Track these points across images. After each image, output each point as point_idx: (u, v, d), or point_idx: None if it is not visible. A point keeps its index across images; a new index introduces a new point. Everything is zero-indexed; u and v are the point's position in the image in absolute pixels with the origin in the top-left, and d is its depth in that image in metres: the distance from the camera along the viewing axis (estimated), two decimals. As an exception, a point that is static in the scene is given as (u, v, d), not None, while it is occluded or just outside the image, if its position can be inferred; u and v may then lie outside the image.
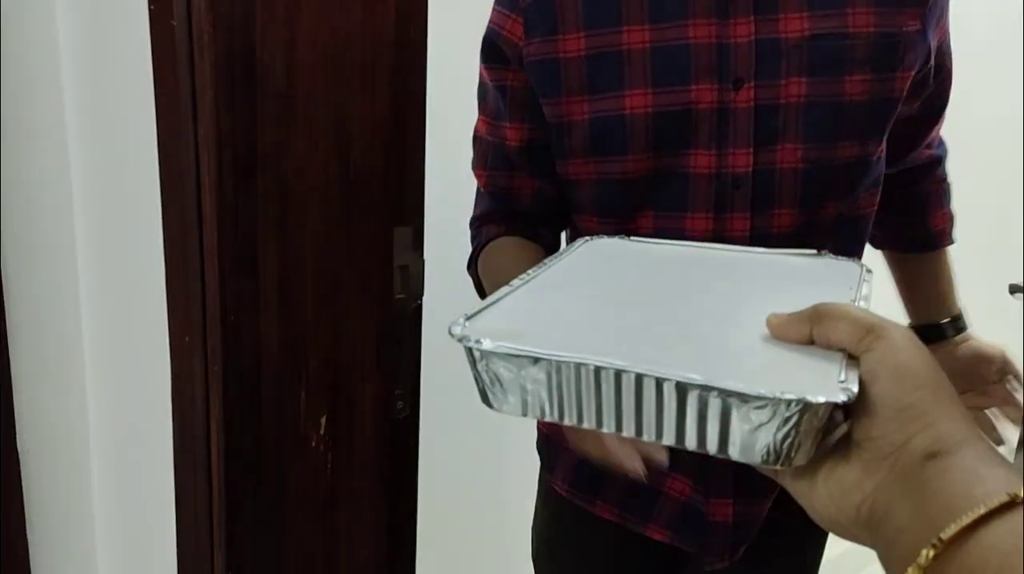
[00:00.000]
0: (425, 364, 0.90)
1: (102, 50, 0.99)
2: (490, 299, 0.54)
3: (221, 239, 0.71)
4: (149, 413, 0.99)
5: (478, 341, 0.46)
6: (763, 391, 0.40)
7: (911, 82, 0.87)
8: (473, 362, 0.47)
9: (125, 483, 1.11)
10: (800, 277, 0.58)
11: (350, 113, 0.77)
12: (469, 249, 1.01)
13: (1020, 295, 1.78)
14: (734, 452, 0.42)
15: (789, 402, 0.39)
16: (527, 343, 0.45)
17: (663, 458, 0.62)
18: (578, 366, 0.44)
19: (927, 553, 0.37)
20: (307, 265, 0.77)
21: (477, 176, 1.00)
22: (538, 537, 1.07)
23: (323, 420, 0.81)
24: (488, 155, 0.98)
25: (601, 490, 0.97)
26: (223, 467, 0.77)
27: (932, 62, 0.89)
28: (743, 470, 0.88)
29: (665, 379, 0.42)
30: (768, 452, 0.41)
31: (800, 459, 0.42)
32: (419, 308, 0.86)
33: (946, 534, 0.36)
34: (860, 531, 0.43)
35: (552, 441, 1.02)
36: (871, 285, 0.56)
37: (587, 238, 0.74)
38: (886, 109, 0.87)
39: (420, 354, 0.88)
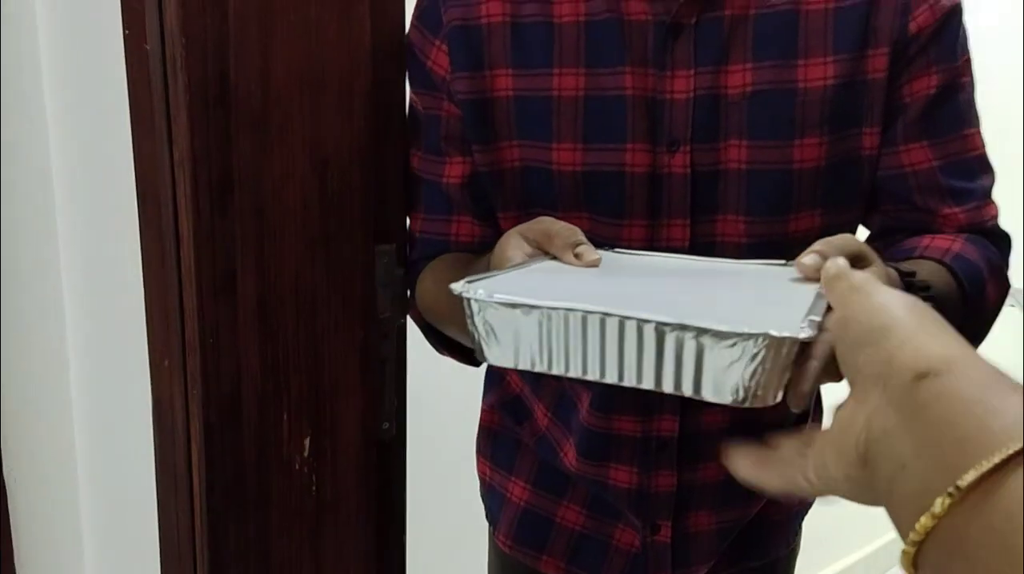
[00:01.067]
0: (411, 383, 0.89)
1: (80, 75, 0.99)
2: (484, 275, 0.57)
3: (199, 261, 0.71)
4: (132, 441, 0.99)
5: (478, 291, 0.51)
6: (732, 328, 0.44)
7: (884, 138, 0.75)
8: (471, 314, 0.52)
9: (111, 514, 1.10)
10: (771, 277, 0.61)
11: (327, 132, 0.76)
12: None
13: (1018, 305, 1.77)
14: (707, 391, 0.46)
15: (756, 337, 0.44)
16: (521, 297, 0.50)
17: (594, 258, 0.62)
18: (567, 314, 0.48)
19: (943, 501, 0.32)
20: (287, 285, 0.77)
21: (411, 217, 0.86)
22: None
23: (307, 442, 0.80)
24: (424, 195, 0.84)
25: (547, 545, 0.90)
26: (205, 493, 0.76)
27: (908, 114, 0.75)
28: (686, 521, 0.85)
29: (645, 321, 0.46)
30: (737, 390, 0.46)
31: (768, 397, 0.46)
32: (404, 327, 0.86)
33: (965, 481, 0.32)
34: (860, 473, 0.39)
35: (495, 491, 0.95)
36: None
37: None
38: (853, 173, 0.76)
39: (406, 373, 0.88)
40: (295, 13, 0.73)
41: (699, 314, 0.47)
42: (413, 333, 0.87)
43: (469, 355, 0.86)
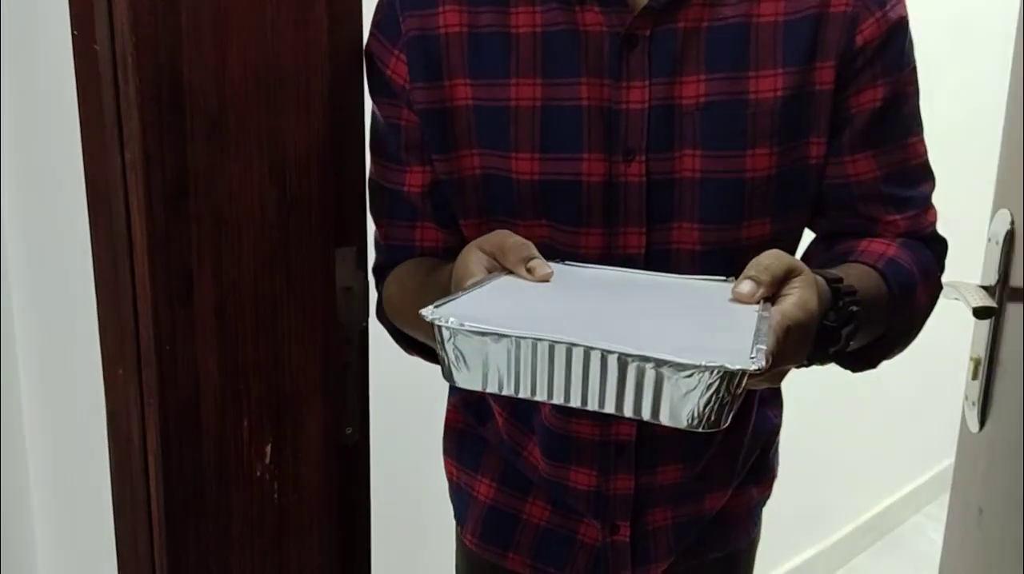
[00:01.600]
0: (374, 388, 0.88)
1: (28, 78, 0.96)
2: (448, 296, 0.58)
3: (153, 266, 0.69)
4: (86, 454, 0.96)
5: (449, 320, 0.53)
6: (690, 360, 0.49)
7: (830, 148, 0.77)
8: (442, 341, 0.54)
9: (65, 528, 1.07)
10: (715, 295, 0.64)
11: (285, 134, 0.75)
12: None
13: (961, 299, 1.80)
14: (664, 417, 0.51)
15: (711, 369, 0.49)
16: (491, 324, 0.53)
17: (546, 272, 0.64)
18: (535, 342, 0.52)
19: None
20: (245, 290, 0.75)
21: (376, 225, 0.87)
22: None
23: (268, 449, 0.79)
24: (386, 202, 0.85)
25: (512, 542, 0.91)
26: (163, 505, 0.74)
27: (854, 126, 0.76)
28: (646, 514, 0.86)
29: (609, 352, 0.50)
30: (692, 416, 0.50)
31: (720, 422, 0.50)
32: (366, 330, 0.85)
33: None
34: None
35: (462, 490, 0.95)
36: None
37: None
38: (801, 182, 0.77)
39: (368, 377, 0.87)
40: (250, 13, 0.71)
41: (658, 343, 0.51)
42: (375, 336, 0.86)
43: (436, 356, 0.86)
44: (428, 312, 0.54)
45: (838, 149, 0.78)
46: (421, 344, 0.84)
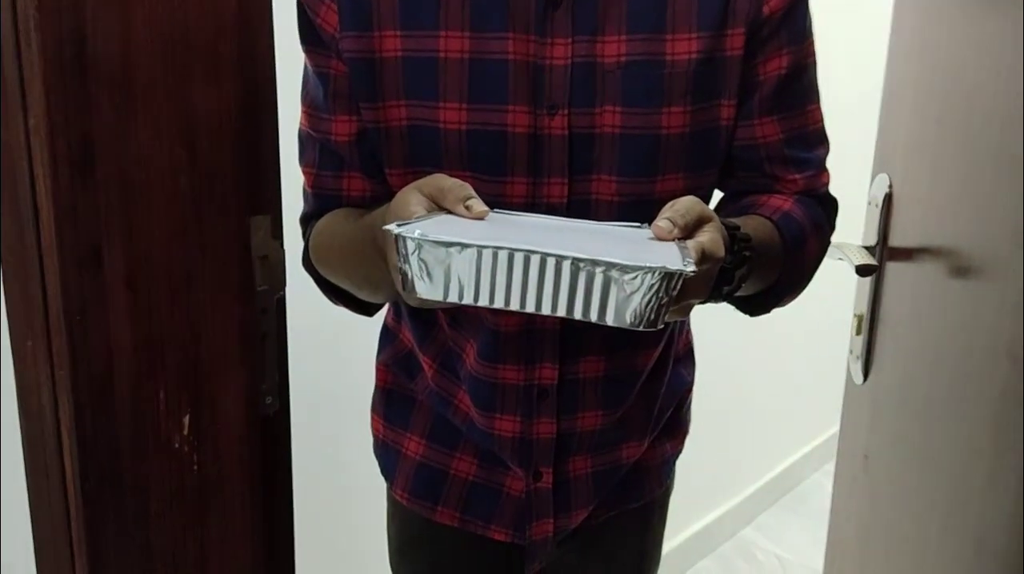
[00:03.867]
0: (294, 356, 0.88)
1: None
2: (411, 219, 0.62)
3: (60, 235, 0.68)
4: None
5: (416, 232, 0.56)
6: (635, 263, 0.54)
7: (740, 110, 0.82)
8: (406, 254, 0.57)
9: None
10: (634, 235, 0.69)
11: (195, 100, 0.74)
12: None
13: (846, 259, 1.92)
14: (610, 317, 0.56)
15: (654, 271, 0.54)
16: (451, 237, 0.56)
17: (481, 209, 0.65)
18: (495, 251, 0.56)
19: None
20: (158, 259, 0.74)
21: (304, 174, 0.88)
22: (390, 545, 1.03)
23: (186, 420, 0.78)
24: (314, 152, 0.86)
25: (441, 496, 0.94)
26: (79, 479, 0.72)
27: (762, 91, 0.82)
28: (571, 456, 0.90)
29: (563, 258, 0.55)
30: (635, 315, 0.56)
31: (658, 322, 0.56)
32: (282, 299, 0.85)
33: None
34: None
35: (389, 447, 0.97)
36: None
37: None
38: (712, 140, 0.82)
39: (287, 346, 0.87)
40: (155, -23, 0.70)
41: (603, 250, 0.56)
42: (292, 305, 0.86)
43: (362, 305, 0.89)
44: (393, 227, 0.57)
45: (748, 113, 0.83)
46: (346, 293, 0.86)
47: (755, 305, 0.86)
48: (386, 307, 0.96)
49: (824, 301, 0.88)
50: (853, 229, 1.31)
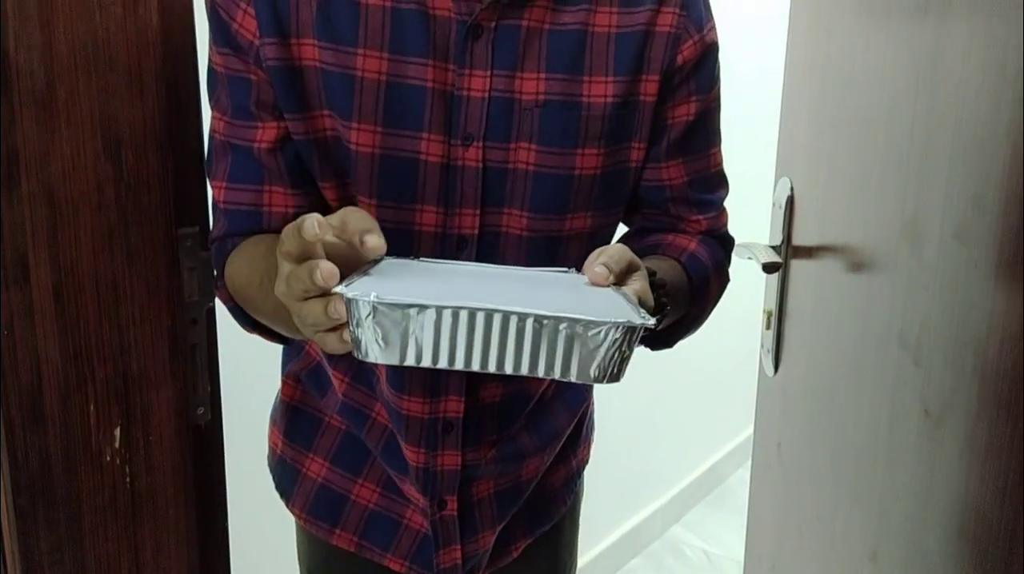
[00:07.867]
0: (225, 366, 0.89)
1: None
2: (352, 277, 0.57)
3: (-14, 249, 0.68)
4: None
5: (371, 295, 0.52)
6: (600, 318, 0.53)
7: (648, 153, 0.85)
8: (359, 318, 0.53)
9: None
10: (570, 282, 0.69)
11: (118, 114, 0.75)
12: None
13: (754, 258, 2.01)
14: (573, 373, 0.55)
15: (617, 326, 0.54)
16: (408, 298, 0.53)
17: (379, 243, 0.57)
18: (455, 311, 0.53)
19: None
20: (85, 272, 0.74)
21: (214, 188, 0.82)
22: (300, 563, 1.02)
23: (117, 432, 0.78)
24: (227, 164, 0.80)
25: (340, 520, 0.93)
26: (10, 494, 0.72)
27: (670, 136, 0.85)
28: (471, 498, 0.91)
29: (526, 315, 0.53)
30: (599, 370, 0.54)
31: (620, 374, 0.55)
32: (212, 310, 0.86)
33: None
34: None
35: (286, 465, 0.96)
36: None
37: (381, 258, 0.68)
38: (622, 181, 0.84)
39: (218, 357, 0.87)
40: (74, -7, 0.71)
41: (563, 305, 0.54)
42: (223, 316, 0.87)
43: (277, 335, 0.85)
44: (344, 290, 0.53)
45: (656, 156, 0.86)
46: (263, 325, 0.84)
47: (658, 342, 0.88)
48: None
49: (739, 298, 0.94)
50: (760, 229, 1.39)
